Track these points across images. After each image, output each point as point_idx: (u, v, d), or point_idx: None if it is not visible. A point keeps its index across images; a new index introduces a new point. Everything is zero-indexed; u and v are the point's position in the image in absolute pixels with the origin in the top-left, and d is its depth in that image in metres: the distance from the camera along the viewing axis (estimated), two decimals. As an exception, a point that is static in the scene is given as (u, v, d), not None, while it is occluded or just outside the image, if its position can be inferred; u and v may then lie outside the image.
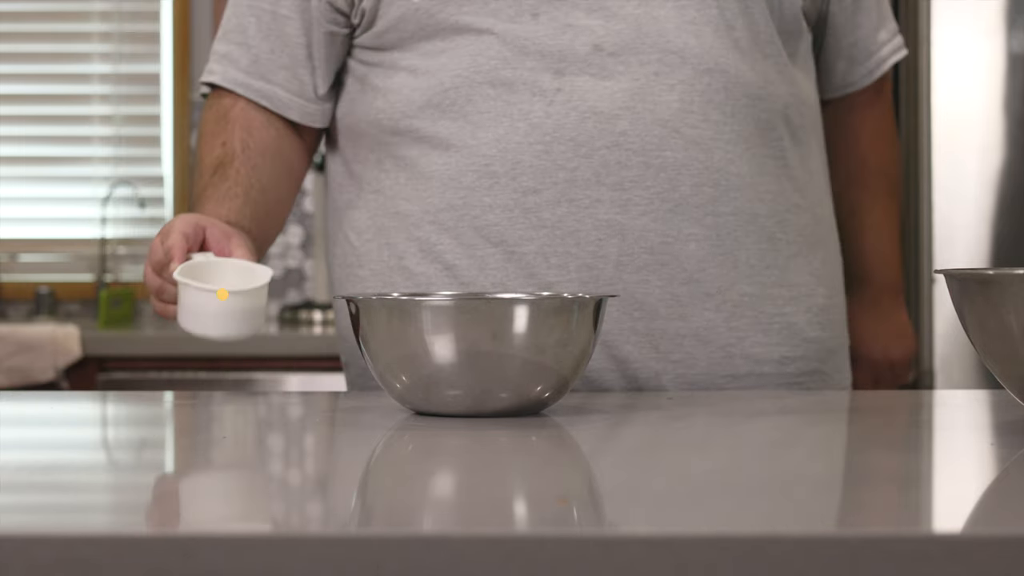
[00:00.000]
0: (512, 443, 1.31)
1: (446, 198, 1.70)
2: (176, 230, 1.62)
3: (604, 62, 1.67)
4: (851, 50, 1.88)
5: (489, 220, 1.68)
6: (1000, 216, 3.05)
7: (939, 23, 3.05)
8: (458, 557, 0.91)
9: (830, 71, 1.88)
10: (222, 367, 3.55)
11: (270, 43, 1.79)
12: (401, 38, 1.73)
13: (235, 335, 1.59)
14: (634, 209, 1.67)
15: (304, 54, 1.79)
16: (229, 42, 1.81)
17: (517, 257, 1.67)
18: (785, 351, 1.73)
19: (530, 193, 1.67)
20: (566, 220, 1.67)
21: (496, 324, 1.37)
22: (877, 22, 1.89)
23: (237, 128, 1.78)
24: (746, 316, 1.71)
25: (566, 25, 1.68)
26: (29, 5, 4.23)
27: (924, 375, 3.05)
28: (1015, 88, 3.06)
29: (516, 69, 1.68)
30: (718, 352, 1.70)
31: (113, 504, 1.09)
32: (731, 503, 1.06)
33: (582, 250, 1.67)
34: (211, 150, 1.78)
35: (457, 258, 1.69)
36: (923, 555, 0.91)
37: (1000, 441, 1.33)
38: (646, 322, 1.68)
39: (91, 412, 1.66)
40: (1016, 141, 3.05)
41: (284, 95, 1.79)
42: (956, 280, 1.36)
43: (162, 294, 1.62)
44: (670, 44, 1.68)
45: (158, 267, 1.61)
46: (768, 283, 1.72)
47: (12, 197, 4.23)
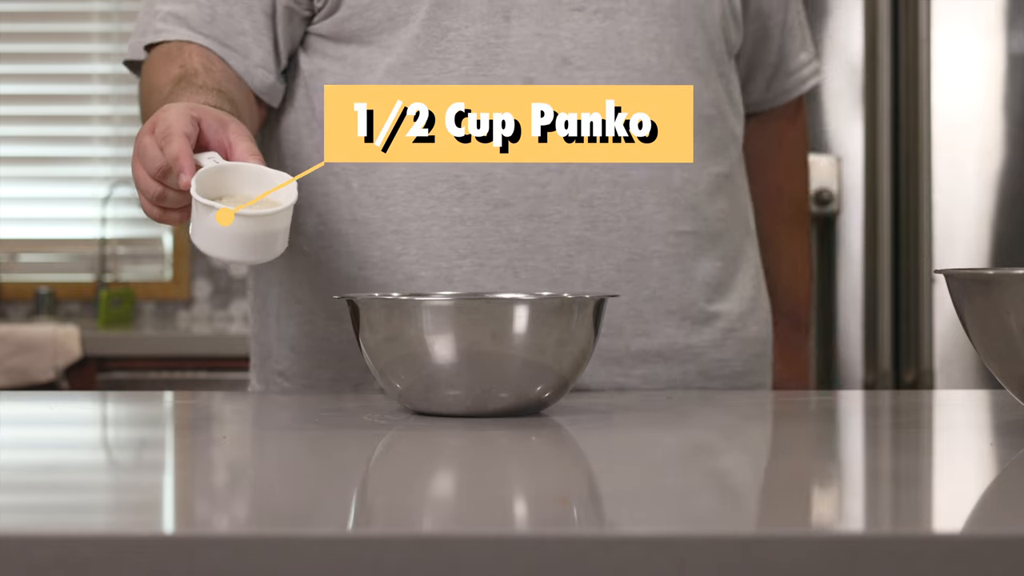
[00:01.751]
0: (512, 443, 1.31)
1: (413, 208, 1.67)
2: (176, 131, 1.44)
3: (572, 74, 1.66)
4: (772, 68, 1.88)
5: (458, 232, 1.67)
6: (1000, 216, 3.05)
7: (939, 23, 3.05)
8: (458, 557, 0.91)
9: (748, 87, 1.88)
10: (222, 367, 3.55)
11: (228, 6, 1.68)
12: (364, 27, 1.68)
13: (260, 258, 1.44)
14: (602, 225, 1.67)
15: (267, 23, 1.69)
16: (177, 2, 1.69)
17: (487, 270, 1.66)
18: (737, 366, 1.75)
19: (501, 206, 1.66)
20: (536, 235, 1.66)
21: (496, 324, 1.37)
22: (800, 44, 1.89)
23: (194, 55, 1.67)
24: (703, 332, 1.72)
25: (536, 34, 1.67)
26: (29, 5, 4.23)
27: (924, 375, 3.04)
28: (1015, 88, 3.06)
29: (487, 76, 1.66)
30: (676, 368, 1.71)
31: (113, 504, 1.09)
32: (731, 503, 1.06)
33: (552, 265, 1.66)
34: (165, 75, 1.63)
35: (422, 269, 1.67)
36: (923, 555, 0.91)
37: (1000, 441, 1.33)
38: (611, 339, 1.67)
39: (91, 412, 1.66)
40: (1016, 141, 3.05)
41: (243, 62, 1.69)
42: (956, 280, 1.36)
43: (163, 200, 1.46)
44: (633, 61, 1.68)
45: (159, 173, 1.44)
46: (723, 300, 1.73)
47: (12, 197, 4.23)
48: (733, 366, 1.74)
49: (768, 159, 1.92)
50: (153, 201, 1.47)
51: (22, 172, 4.24)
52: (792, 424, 1.50)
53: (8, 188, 4.22)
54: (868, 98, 3.04)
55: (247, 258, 1.43)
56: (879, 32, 3.04)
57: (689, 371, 1.71)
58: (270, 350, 1.78)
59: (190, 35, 1.68)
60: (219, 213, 1.39)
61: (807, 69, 1.90)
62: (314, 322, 1.73)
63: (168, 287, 4.19)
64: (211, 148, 1.48)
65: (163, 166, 1.44)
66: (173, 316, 4.18)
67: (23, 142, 4.24)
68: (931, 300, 3.03)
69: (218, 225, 1.40)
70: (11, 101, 4.23)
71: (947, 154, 3.05)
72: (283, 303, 1.75)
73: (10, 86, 4.23)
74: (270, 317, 1.77)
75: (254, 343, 1.81)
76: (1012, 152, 3.05)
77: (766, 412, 1.56)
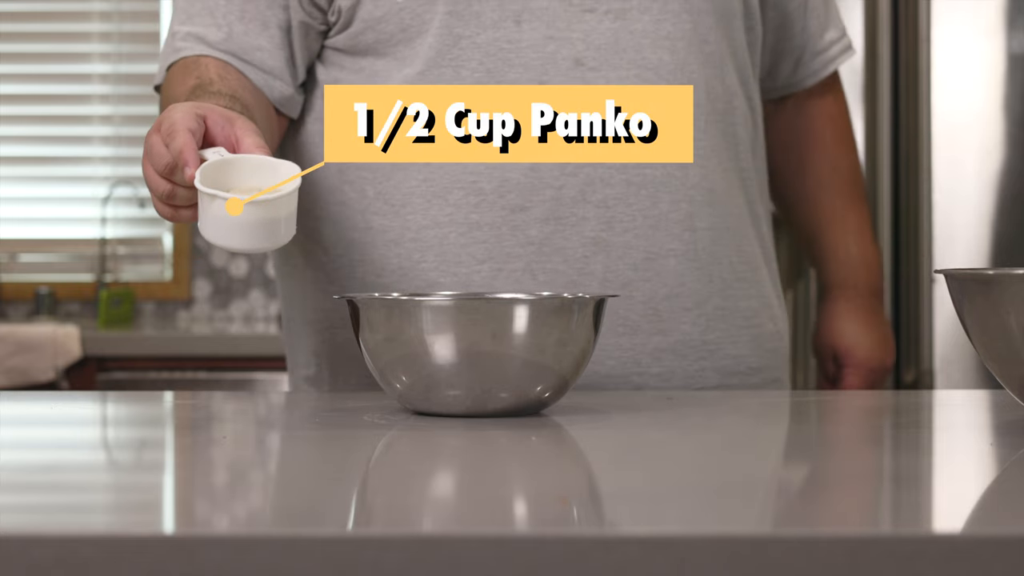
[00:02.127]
0: (512, 443, 1.31)
1: (430, 215, 1.68)
2: (180, 127, 1.46)
3: (585, 76, 1.67)
4: (798, 51, 1.88)
5: (476, 237, 1.67)
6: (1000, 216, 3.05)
7: (939, 23, 3.05)
8: (458, 557, 0.91)
9: (775, 71, 1.89)
10: (222, 367, 3.55)
11: (244, 24, 1.70)
12: (378, 40, 1.69)
13: (270, 245, 1.45)
14: (618, 226, 1.67)
15: (283, 39, 1.71)
16: (195, 24, 1.71)
17: (505, 274, 1.67)
18: (752, 362, 1.75)
19: (517, 211, 1.67)
20: (552, 238, 1.67)
21: (496, 324, 1.37)
22: (825, 23, 1.90)
23: (211, 66, 1.68)
24: (719, 329, 1.73)
25: (548, 37, 1.67)
26: (29, 5, 4.23)
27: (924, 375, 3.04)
28: (1015, 88, 3.06)
29: (500, 82, 1.67)
30: (693, 365, 1.71)
31: (113, 504, 1.09)
32: (731, 503, 1.06)
33: (569, 267, 1.67)
34: (182, 86, 1.65)
35: (441, 276, 1.68)
36: (923, 555, 0.91)
37: (1000, 441, 1.33)
38: (629, 337, 1.68)
39: (91, 412, 1.66)
40: (1016, 141, 3.05)
41: (261, 75, 1.70)
42: (956, 280, 1.36)
43: (173, 198, 1.47)
44: (646, 60, 1.69)
45: (166, 171, 1.46)
46: (738, 296, 1.74)
47: (12, 197, 4.23)
48: (749, 362, 1.75)
49: (814, 139, 1.93)
50: (164, 200, 1.48)
51: (22, 172, 4.24)
52: (792, 424, 1.50)
53: (8, 188, 4.22)
54: (868, 98, 3.04)
55: (254, 246, 1.44)
56: (879, 32, 3.04)
57: (706, 368, 1.72)
58: (297, 358, 1.80)
59: (208, 51, 1.69)
60: (225, 202, 1.40)
61: (836, 47, 1.91)
62: (333, 330, 1.74)
63: (168, 287, 4.19)
64: (218, 144, 1.49)
65: (170, 163, 1.45)
66: (173, 316, 4.18)
67: (23, 142, 4.24)
68: (931, 300, 3.03)
69: (223, 214, 1.41)
70: (11, 101, 4.23)
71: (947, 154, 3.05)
72: (307, 311, 1.77)
73: (10, 86, 4.23)
74: (296, 324, 1.80)
75: (285, 347, 1.84)
76: (1012, 152, 3.05)
77: (766, 412, 1.56)
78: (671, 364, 1.70)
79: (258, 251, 1.45)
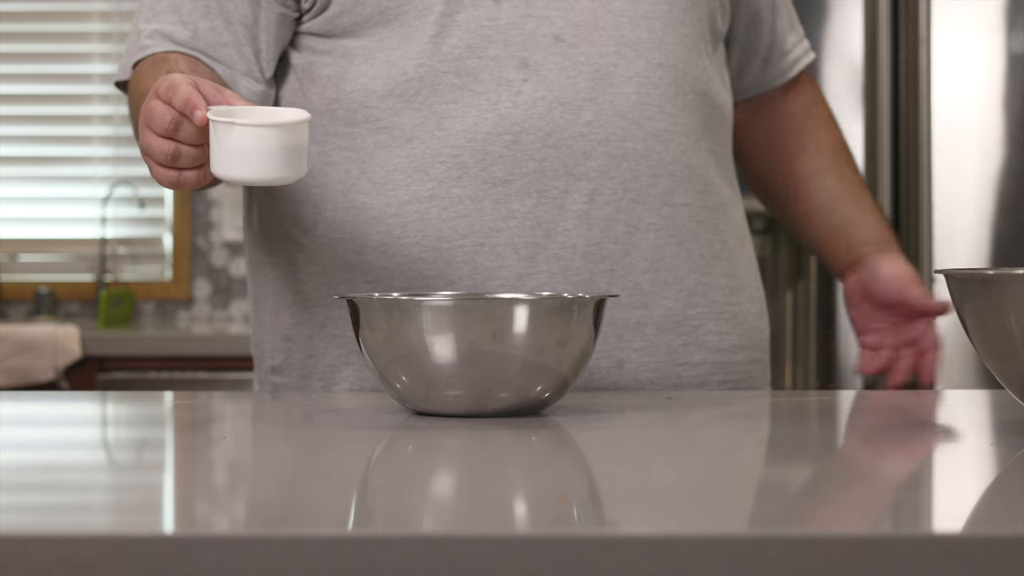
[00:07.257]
0: (512, 443, 1.31)
1: (411, 190, 1.68)
2: (181, 83, 1.46)
3: (566, 52, 1.68)
4: (767, 50, 1.90)
5: (458, 212, 1.68)
6: (1000, 216, 3.05)
7: (939, 23, 3.05)
8: (458, 557, 0.91)
9: (744, 71, 1.90)
10: (222, 367, 3.55)
11: (210, 21, 1.70)
12: (356, 23, 1.69)
13: (290, 175, 1.44)
14: (600, 199, 1.68)
15: (248, 34, 1.70)
16: (161, 22, 1.70)
17: (486, 249, 1.67)
18: (734, 340, 1.76)
19: (499, 184, 1.67)
20: (535, 211, 1.67)
21: (496, 324, 1.37)
22: (788, 25, 1.92)
23: (180, 61, 1.68)
24: (699, 305, 1.73)
25: (526, 15, 1.68)
26: (29, 5, 4.23)
27: (924, 375, 3.04)
28: (1015, 88, 3.06)
29: (480, 58, 1.68)
30: (676, 340, 1.72)
31: (113, 504, 1.09)
32: (731, 503, 1.06)
33: (551, 241, 1.67)
34: (152, 80, 1.60)
35: (423, 251, 1.68)
36: (923, 555, 0.91)
37: (1000, 441, 1.33)
38: (610, 311, 1.68)
39: (91, 412, 1.66)
40: (1016, 141, 3.05)
41: (228, 72, 1.70)
42: (956, 280, 1.36)
43: (177, 158, 1.47)
44: (625, 37, 1.70)
45: (172, 126, 1.46)
46: (717, 273, 1.75)
47: (12, 197, 4.23)
48: (731, 339, 1.75)
49: (809, 120, 1.94)
50: (167, 163, 1.48)
51: (22, 172, 4.24)
52: (792, 424, 1.50)
53: (8, 188, 4.22)
54: (868, 98, 3.04)
55: (274, 175, 1.43)
56: (879, 32, 3.04)
57: (689, 343, 1.72)
58: (263, 349, 1.79)
59: (175, 48, 1.70)
60: (241, 127, 1.39)
61: (799, 48, 1.94)
62: (311, 309, 1.73)
63: (168, 287, 4.19)
64: None
65: (174, 118, 1.46)
66: (173, 316, 4.18)
67: (23, 142, 4.24)
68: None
69: (242, 143, 1.41)
70: (11, 101, 4.23)
71: (947, 154, 3.05)
72: (278, 295, 1.76)
73: (10, 86, 4.23)
74: (265, 314, 1.78)
75: (252, 346, 1.83)
76: (1012, 152, 3.05)
77: (766, 412, 1.56)
78: (653, 338, 1.71)
79: (279, 181, 1.45)
